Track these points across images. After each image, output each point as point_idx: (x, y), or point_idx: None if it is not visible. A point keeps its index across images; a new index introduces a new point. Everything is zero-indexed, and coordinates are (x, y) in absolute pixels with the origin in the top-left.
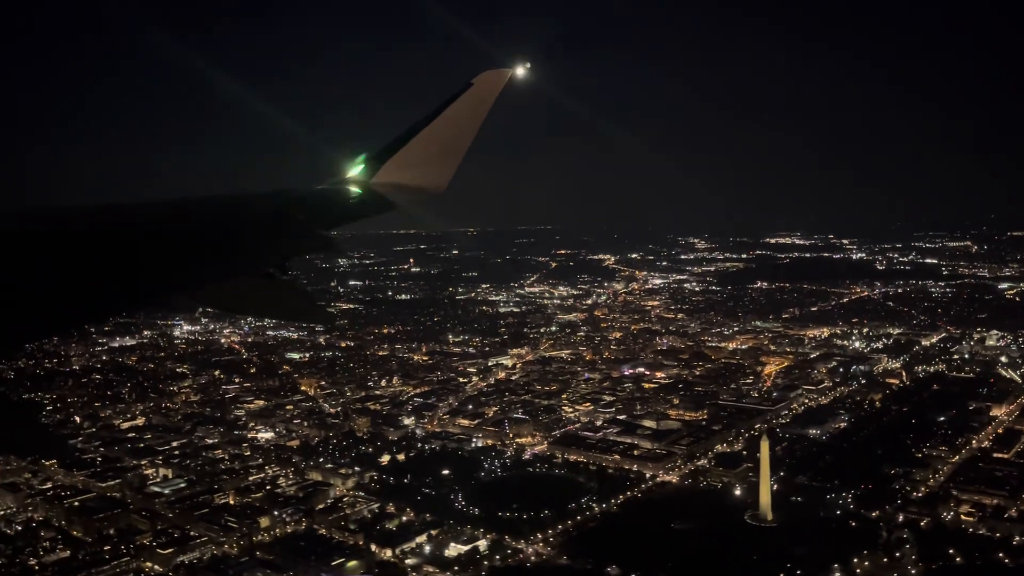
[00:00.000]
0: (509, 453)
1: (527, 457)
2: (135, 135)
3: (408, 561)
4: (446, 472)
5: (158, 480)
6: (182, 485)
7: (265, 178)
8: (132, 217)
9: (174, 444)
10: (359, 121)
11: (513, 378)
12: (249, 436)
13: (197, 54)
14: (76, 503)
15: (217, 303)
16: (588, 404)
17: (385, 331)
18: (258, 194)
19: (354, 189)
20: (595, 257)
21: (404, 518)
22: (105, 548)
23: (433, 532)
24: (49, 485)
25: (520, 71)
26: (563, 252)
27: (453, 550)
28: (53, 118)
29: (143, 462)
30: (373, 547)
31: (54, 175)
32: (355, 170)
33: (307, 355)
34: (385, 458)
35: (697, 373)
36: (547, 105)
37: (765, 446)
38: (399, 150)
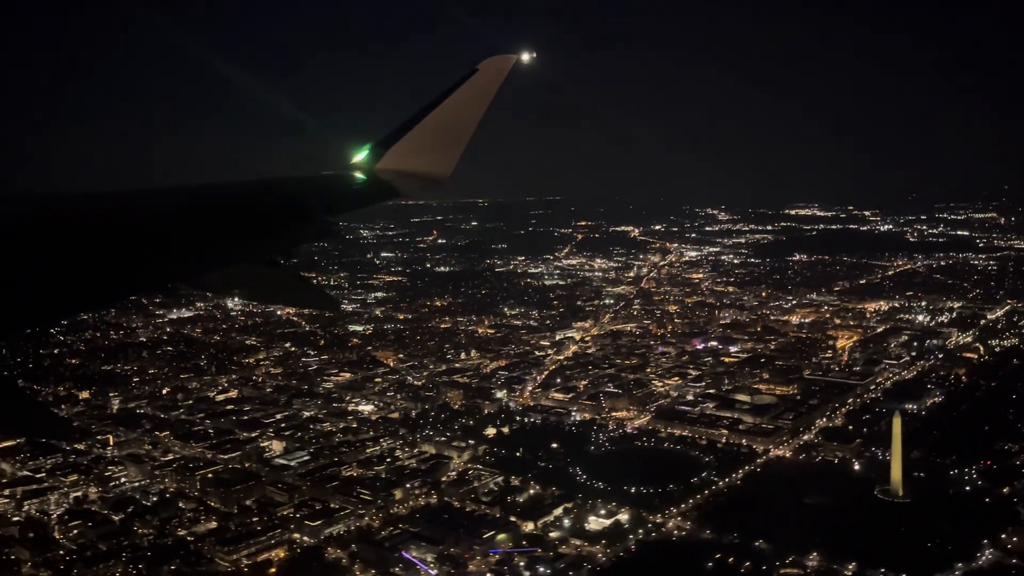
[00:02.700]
0: (611, 427)
1: (630, 431)
2: (138, 124)
3: (552, 535)
4: (555, 445)
5: (278, 453)
6: (306, 458)
7: (271, 166)
8: (134, 204)
9: (278, 417)
10: (364, 108)
11: (589, 352)
12: (349, 409)
13: (203, 42)
14: (209, 475)
15: (221, 290)
16: (676, 378)
17: (438, 304)
18: (260, 181)
19: (359, 176)
20: (618, 229)
21: (531, 491)
22: (252, 519)
23: (568, 505)
24: (171, 457)
25: (525, 57)
26: (583, 224)
27: (595, 524)
28: (55, 106)
29: (253, 434)
30: (512, 519)
31: (55, 165)
32: (360, 156)
33: (370, 327)
34: (490, 431)
35: (772, 347)
36: (549, 75)
37: (898, 423)
38: (404, 136)
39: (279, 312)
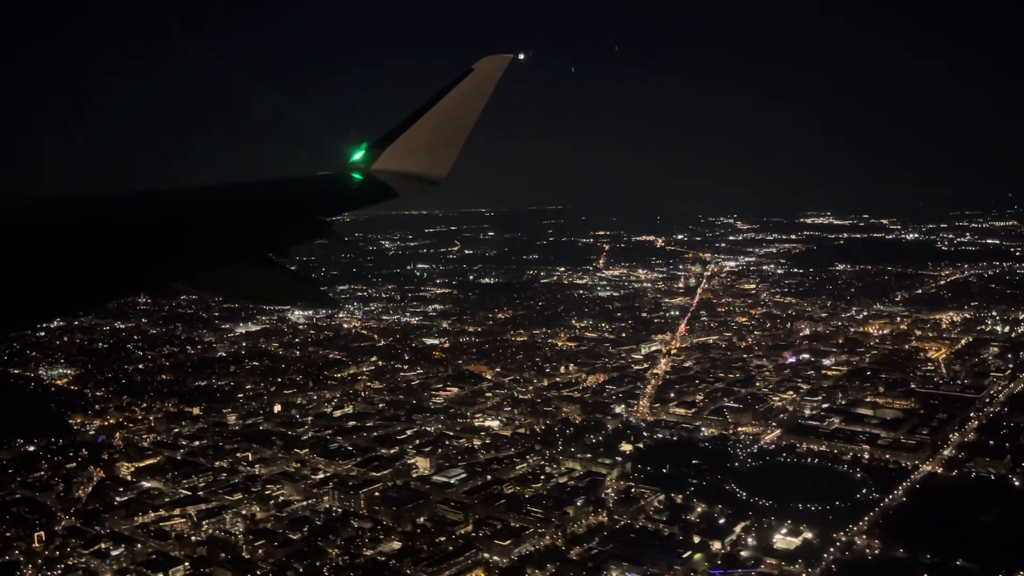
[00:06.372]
0: (746, 442)
1: (765, 446)
2: (131, 126)
3: (743, 554)
4: (696, 461)
5: (427, 469)
6: (464, 475)
7: (266, 166)
8: (130, 204)
9: (408, 433)
10: (360, 108)
11: (686, 365)
12: (477, 424)
13: (195, 44)
14: (375, 493)
15: (216, 289)
16: (790, 392)
17: (500, 316)
18: (257, 181)
19: (355, 176)
20: (639, 239)
21: (699, 509)
22: (439, 539)
23: (746, 524)
24: (321, 475)
25: (522, 57)
26: (602, 233)
27: (782, 543)
28: (54, 111)
29: (393, 451)
30: (696, 538)
31: (52, 168)
32: (356, 157)
33: (445, 341)
34: (626, 447)
35: (867, 360)
36: (546, 81)
37: None
38: (400, 136)
39: (346, 324)
